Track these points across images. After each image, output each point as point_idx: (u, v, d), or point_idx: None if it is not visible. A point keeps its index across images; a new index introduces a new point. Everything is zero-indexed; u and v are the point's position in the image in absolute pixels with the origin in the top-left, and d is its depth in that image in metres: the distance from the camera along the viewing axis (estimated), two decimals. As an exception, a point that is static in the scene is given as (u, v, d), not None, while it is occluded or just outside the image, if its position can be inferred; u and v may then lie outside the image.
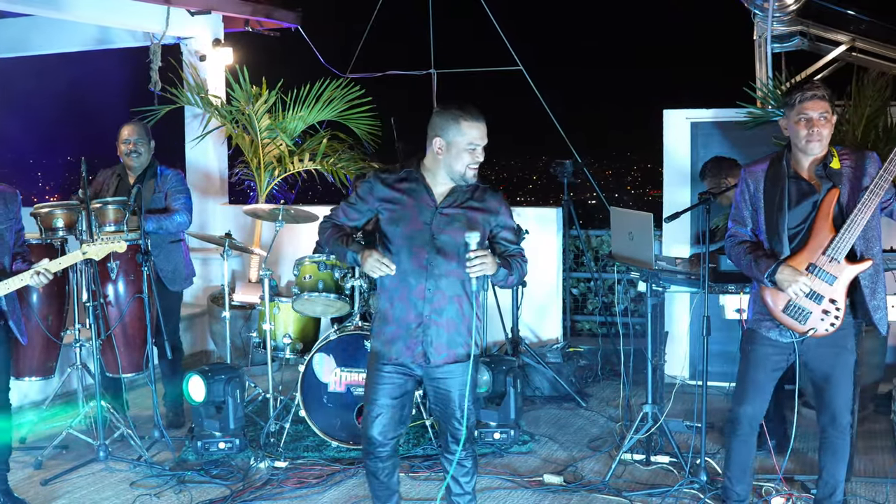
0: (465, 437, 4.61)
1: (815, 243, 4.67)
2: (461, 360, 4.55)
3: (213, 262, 9.73)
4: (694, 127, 8.28)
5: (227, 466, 6.31)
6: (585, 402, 7.76)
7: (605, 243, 9.57)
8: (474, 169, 4.46)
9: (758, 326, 4.91)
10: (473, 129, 4.44)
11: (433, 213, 4.47)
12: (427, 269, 4.45)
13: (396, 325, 4.53)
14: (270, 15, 10.46)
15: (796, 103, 4.67)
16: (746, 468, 5.06)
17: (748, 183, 4.85)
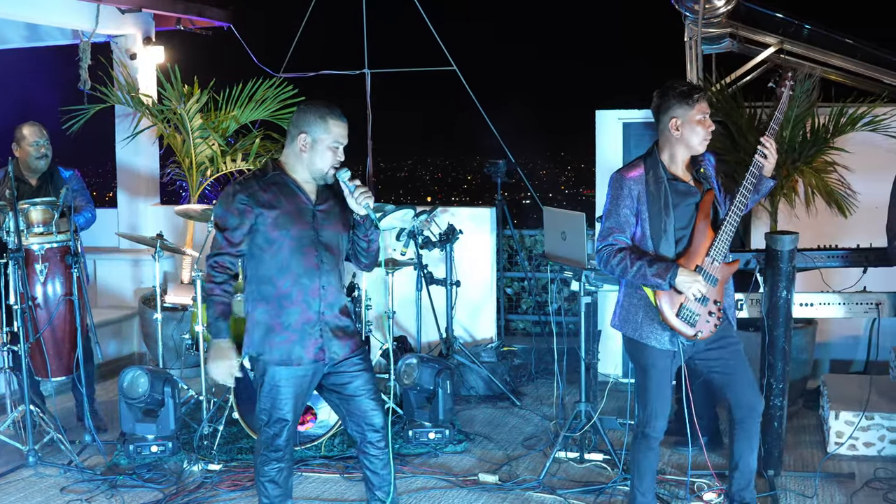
0: (381, 422, 4.63)
1: (697, 246, 4.71)
2: (361, 346, 4.67)
3: (144, 263, 9.63)
4: (626, 127, 8.35)
5: (160, 470, 6.25)
6: (520, 401, 7.80)
7: (539, 243, 9.63)
8: (336, 169, 4.48)
9: (644, 338, 4.81)
10: (339, 127, 4.48)
11: (312, 212, 4.50)
12: (319, 266, 4.49)
13: (291, 330, 4.51)
14: (202, 13, 10.37)
15: (696, 102, 4.66)
16: (654, 476, 5.07)
17: (631, 189, 4.70)
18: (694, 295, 4.64)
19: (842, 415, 6.45)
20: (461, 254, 8.30)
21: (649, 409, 4.89)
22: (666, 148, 4.78)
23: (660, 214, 4.69)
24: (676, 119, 4.68)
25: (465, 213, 8.87)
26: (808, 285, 6.89)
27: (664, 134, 4.75)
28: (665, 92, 4.74)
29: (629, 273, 4.67)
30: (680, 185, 4.74)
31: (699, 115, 4.68)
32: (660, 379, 4.86)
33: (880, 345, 7.38)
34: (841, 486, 5.93)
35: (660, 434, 4.93)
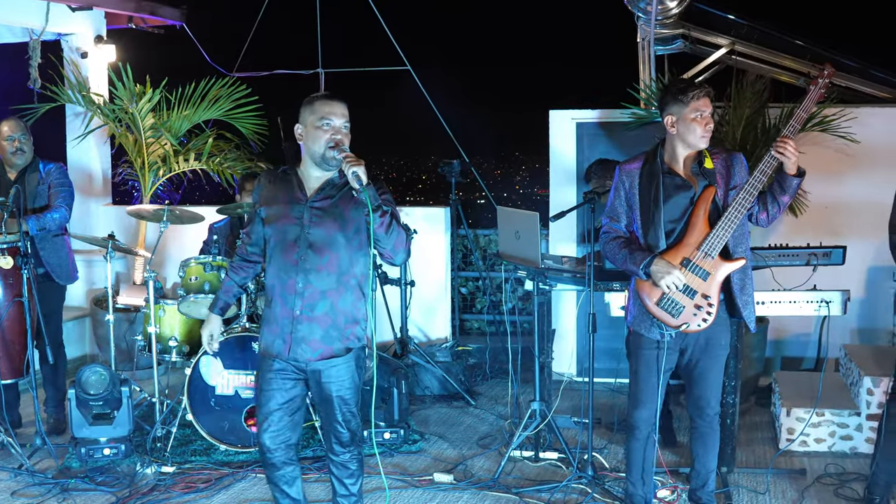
0: (348, 438, 4.60)
1: (690, 239, 4.73)
2: (338, 354, 4.50)
3: (96, 263, 9.53)
4: (579, 127, 8.40)
5: (113, 473, 6.18)
6: (475, 400, 7.81)
7: (493, 242, 9.65)
8: (334, 148, 4.34)
9: (639, 327, 4.93)
10: (325, 105, 4.40)
11: (304, 208, 4.44)
12: (298, 263, 4.42)
13: (274, 323, 4.50)
14: (154, 12, 10.28)
15: (690, 100, 4.71)
16: (648, 470, 5.11)
17: (623, 180, 4.89)
18: (668, 286, 4.68)
19: (793, 411, 6.53)
20: (416, 254, 8.28)
21: (634, 397, 5.02)
22: (668, 144, 4.87)
23: (649, 206, 4.78)
24: (672, 116, 4.77)
25: (419, 213, 8.87)
26: (760, 284, 6.95)
27: (665, 131, 4.85)
28: (664, 91, 4.92)
29: (617, 261, 4.86)
30: (675, 180, 4.80)
31: (693, 112, 4.72)
32: (647, 367, 4.93)
33: (830, 342, 7.50)
34: (793, 481, 5.99)
35: (643, 425, 5.00)
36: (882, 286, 7.96)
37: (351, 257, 4.46)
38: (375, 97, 25.89)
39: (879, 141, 7.87)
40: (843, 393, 6.84)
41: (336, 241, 4.43)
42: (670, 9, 9.41)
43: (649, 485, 5.15)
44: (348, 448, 4.62)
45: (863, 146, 7.84)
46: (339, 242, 4.43)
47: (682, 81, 4.89)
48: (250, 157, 9.64)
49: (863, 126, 7.78)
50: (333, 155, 4.33)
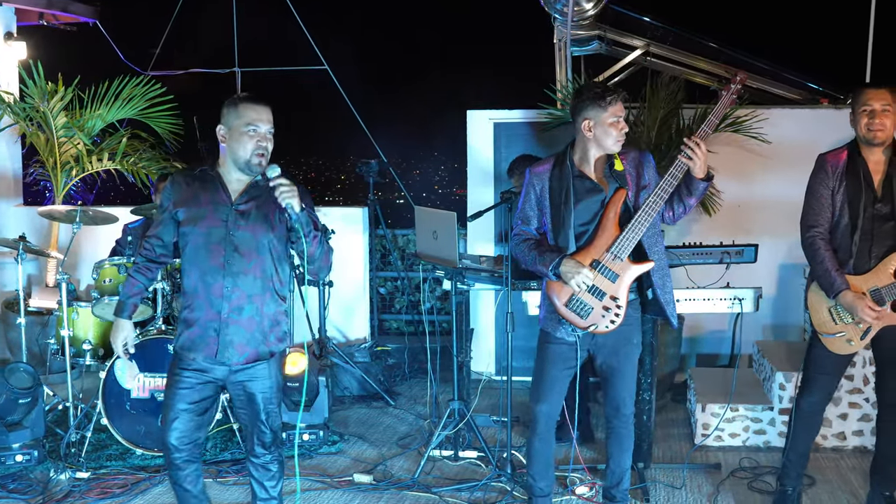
0: (270, 440, 4.58)
1: (600, 241, 4.76)
2: (263, 358, 4.51)
3: (6, 266, 9.34)
4: (497, 127, 8.44)
5: (26, 480, 6.06)
6: (394, 400, 7.80)
7: (412, 242, 9.65)
8: (260, 155, 4.35)
9: (547, 326, 4.96)
10: (251, 110, 4.37)
11: (229, 210, 4.41)
12: (224, 266, 4.38)
13: (196, 326, 4.45)
14: (66, 8, 10.11)
15: (609, 105, 4.70)
16: (548, 463, 5.15)
17: (534, 183, 4.88)
18: (578, 286, 4.70)
19: (708, 407, 6.63)
20: (334, 254, 8.25)
21: (535, 393, 5.03)
22: (579, 147, 4.85)
23: (559, 209, 4.79)
24: (589, 120, 4.74)
25: (337, 213, 8.83)
26: (674, 282, 7.03)
27: (578, 134, 4.81)
28: (580, 93, 4.82)
29: (527, 262, 4.85)
30: (586, 183, 4.80)
31: (612, 117, 4.73)
32: (549, 362, 4.95)
33: (744, 339, 7.63)
34: (708, 475, 6.09)
35: (544, 420, 5.02)
36: (793, 283, 8.13)
37: (275, 262, 4.47)
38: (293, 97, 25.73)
39: (790, 141, 8.02)
40: (757, 388, 6.97)
41: (262, 245, 4.42)
42: (586, 10, 9.51)
43: (550, 478, 5.18)
44: (270, 450, 4.61)
45: (774, 146, 7.99)
46: (264, 246, 4.42)
47: (598, 85, 4.88)
48: (165, 156, 9.52)
49: (774, 127, 7.94)
50: (268, 175, 4.30)
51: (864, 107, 4.97)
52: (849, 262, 5.01)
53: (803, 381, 5.25)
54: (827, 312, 5.09)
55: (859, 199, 4.98)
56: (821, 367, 5.17)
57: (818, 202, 5.09)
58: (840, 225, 5.03)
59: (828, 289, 5.00)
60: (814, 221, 5.08)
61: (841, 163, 5.05)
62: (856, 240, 4.98)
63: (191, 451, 4.58)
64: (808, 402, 5.25)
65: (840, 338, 5.06)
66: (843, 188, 5.01)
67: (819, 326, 5.14)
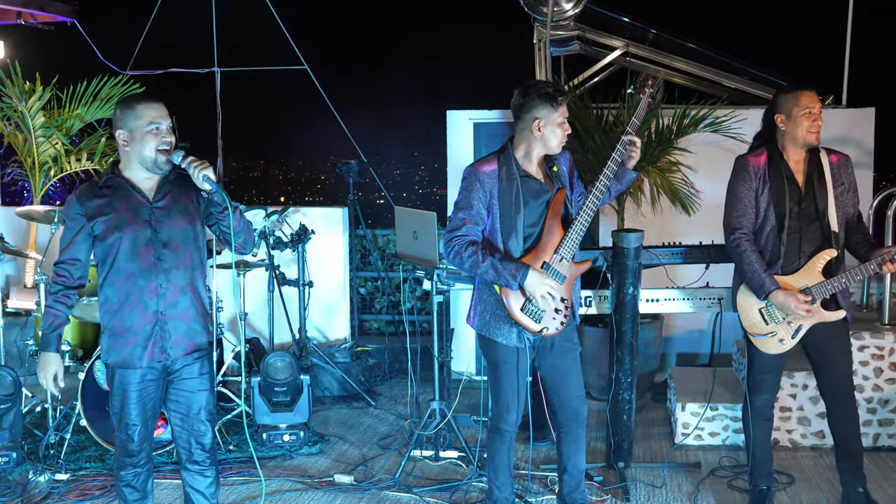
0: (210, 441, 4.60)
1: (547, 243, 4.75)
2: (201, 349, 4.53)
3: (-16, 266, 9.29)
4: (477, 127, 8.44)
5: (4, 482, 6.03)
6: (375, 400, 7.80)
7: (392, 242, 9.64)
8: (164, 151, 4.35)
9: (494, 335, 4.84)
10: (150, 109, 4.37)
11: (149, 210, 4.40)
12: (156, 265, 4.38)
13: (131, 332, 4.42)
14: (44, 7, 10.06)
15: (560, 105, 4.70)
16: (511, 471, 5.11)
17: (483, 182, 4.71)
18: (542, 296, 4.67)
19: (688, 406, 6.66)
20: (313, 254, 8.26)
21: (501, 403, 4.94)
22: (522, 145, 4.80)
23: (510, 210, 4.72)
24: (539, 119, 4.70)
25: (317, 213, 8.82)
26: (654, 282, 7.06)
27: (524, 132, 4.76)
28: (529, 91, 4.73)
29: (480, 268, 4.65)
30: (532, 183, 4.77)
31: (561, 117, 4.72)
32: (510, 374, 4.88)
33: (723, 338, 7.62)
34: (688, 474, 6.11)
35: (512, 427, 4.97)
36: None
37: (198, 250, 4.53)
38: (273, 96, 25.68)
39: (769, 141, 8.05)
40: (737, 388, 7.00)
41: (187, 237, 4.46)
42: (566, 11, 9.51)
43: (512, 485, 5.15)
44: (209, 453, 4.61)
45: (753, 146, 8.01)
46: (189, 237, 4.46)
47: (550, 84, 4.80)
48: (144, 156, 9.47)
49: (753, 127, 7.85)
50: (175, 161, 4.30)
51: (806, 109, 5.06)
52: (777, 263, 5.07)
53: (751, 383, 5.31)
54: (757, 313, 5.14)
55: (784, 198, 5.05)
56: (764, 367, 5.25)
57: (741, 204, 5.16)
58: (766, 226, 5.10)
59: (758, 289, 5.05)
60: (738, 223, 5.15)
61: (762, 164, 5.13)
62: (783, 239, 5.05)
63: (148, 453, 4.59)
64: (762, 400, 5.32)
65: (772, 338, 5.12)
66: (766, 189, 5.08)
67: (750, 328, 5.19)
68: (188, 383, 4.51)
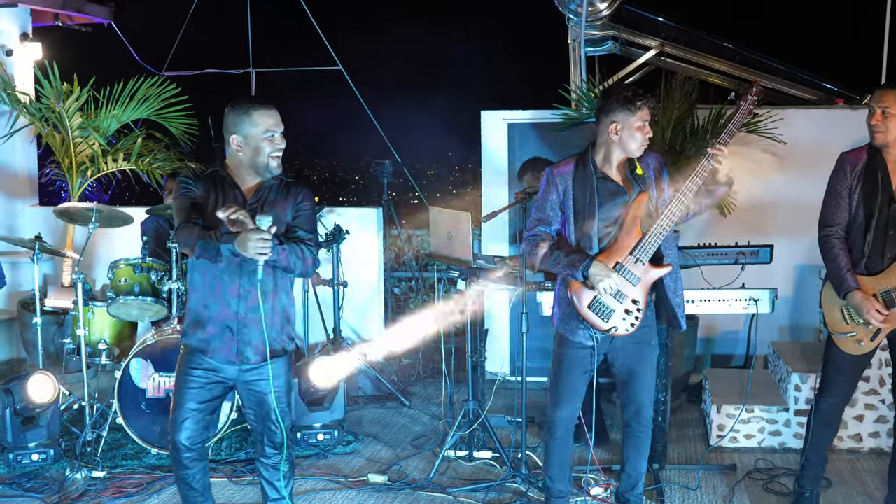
0: (281, 439, 4.61)
1: (622, 244, 4.75)
2: (278, 355, 4.54)
3: (23, 266, 9.36)
4: (511, 128, 8.43)
5: (42, 479, 6.09)
6: (408, 400, 7.81)
7: (426, 243, 9.64)
8: (277, 157, 4.42)
9: (565, 330, 4.91)
10: (266, 116, 4.41)
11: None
12: (240, 266, 4.40)
13: (212, 324, 4.47)
14: (81, 9, 10.14)
15: (638, 109, 4.69)
16: (566, 466, 5.14)
17: (556, 183, 4.82)
18: (605, 289, 4.68)
19: (723, 408, 6.62)
20: (348, 254, 8.27)
21: (554, 398, 4.99)
22: (602, 148, 4.82)
23: (583, 211, 4.76)
24: (617, 123, 4.71)
25: (351, 214, 8.83)
26: (689, 283, 7.03)
27: (602, 135, 4.78)
28: (608, 95, 4.78)
29: (547, 261, 4.76)
30: (609, 185, 4.78)
31: (640, 121, 4.71)
32: (568, 369, 4.92)
33: (759, 340, 7.62)
34: (723, 477, 6.08)
35: (562, 424, 5.00)
36: (809, 284, 8.10)
37: None
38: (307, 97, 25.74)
39: (805, 142, 8.00)
40: (772, 389, 6.95)
41: (274, 244, 4.41)
42: (600, 11, 9.49)
43: (568, 479, 5.18)
44: (281, 449, 4.62)
45: (789, 147, 7.97)
46: (276, 245, 4.42)
47: (629, 88, 4.81)
48: (180, 157, 9.53)
49: (789, 127, 7.91)
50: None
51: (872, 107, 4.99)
52: (861, 263, 4.99)
53: (822, 383, 5.24)
54: (839, 312, 5.08)
55: (875, 198, 4.96)
56: (838, 369, 5.16)
57: (835, 201, 5.07)
58: (855, 224, 5.01)
59: (838, 288, 4.99)
60: (830, 220, 5.07)
61: (860, 162, 5.03)
62: (868, 240, 4.97)
63: (199, 451, 4.62)
64: (828, 404, 5.23)
65: (851, 338, 5.05)
66: (859, 187, 4.99)
67: (831, 326, 5.13)
68: (261, 384, 4.54)
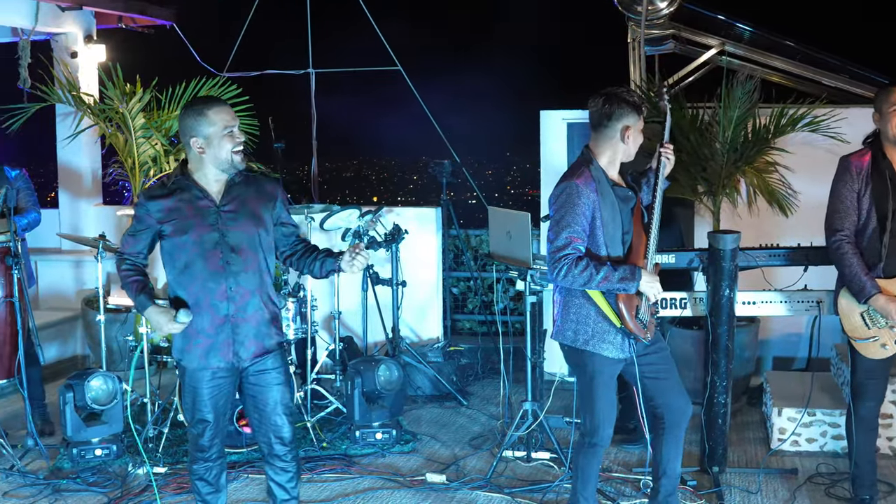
0: (290, 435, 4.66)
1: (639, 249, 4.71)
2: (270, 350, 4.58)
3: (87, 264, 9.51)
4: (570, 128, 8.39)
5: (105, 474, 6.18)
6: (466, 400, 7.81)
7: (485, 242, 9.64)
8: (239, 152, 4.45)
9: (599, 347, 4.70)
10: (222, 113, 4.44)
11: (216, 213, 4.46)
12: (225, 268, 4.44)
13: (205, 334, 4.49)
14: (144, 11, 10.27)
15: (643, 112, 4.68)
16: (597, 481, 5.02)
17: (587, 196, 4.56)
18: (655, 296, 4.63)
19: (784, 411, 6.54)
20: (407, 254, 8.30)
21: (596, 418, 4.79)
22: (606, 153, 4.71)
23: (611, 222, 4.64)
24: (630, 128, 4.64)
25: (410, 213, 8.86)
26: (751, 284, 6.97)
27: (610, 140, 4.67)
28: (616, 99, 4.64)
29: (594, 280, 4.52)
30: (620, 191, 4.73)
31: (642, 124, 4.72)
32: (606, 386, 4.79)
33: (821, 342, 7.49)
34: (784, 481, 6.01)
35: (606, 442, 4.86)
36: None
37: (266, 255, 4.57)
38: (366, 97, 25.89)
39: (869, 141, 7.87)
40: (835, 393, 6.86)
41: (254, 241, 4.50)
42: (660, 9, 9.42)
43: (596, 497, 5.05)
44: (290, 445, 4.67)
45: (853, 146, 7.80)
46: (256, 242, 4.51)
47: (630, 91, 4.74)
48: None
49: (852, 126, 7.78)
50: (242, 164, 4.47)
51: (894, 106, 4.91)
52: (878, 266, 4.94)
53: (855, 388, 5.19)
54: (859, 317, 5.02)
55: (886, 199, 4.94)
56: (867, 373, 5.12)
57: (843, 205, 5.05)
58: (868, 228, 4.98)
59: (858, 293, 4.93)
60: (839, 225, 5.04)
61: (865, 164, 5.01)
62: (885, 242, 4.93)
63: (220, 448, 4.70)
64: (866, 408, 5.19)
65: (874, 343, 5.00)
66: (869, 190, 4.97)
67: (851, 332, 5.07)
68: (261, 378, 4.58)
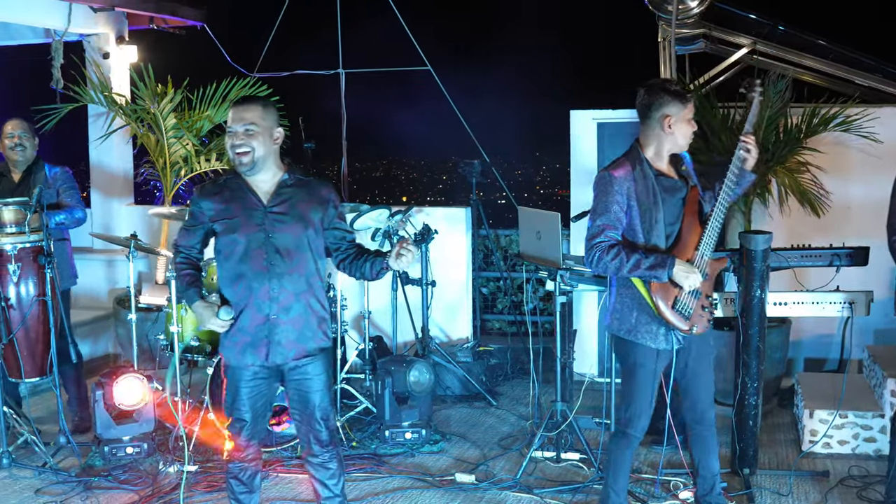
0: (327, 437, 4.66)
1: (689, 240, 4.70)
2: (312, 354, 4.58)
3: (118, 263, 9.58)
4: (600, 127, 8.37)
5: (136, 471, 6.22)
6: (496, 400, 7.80)
7: (514, 242, 9.63)
8: (239, 153, 4.44)
9: (643, 338, 4.77)
10: (230, 112, 4.51)
11: (263, 214, 4.48)
12: (268, 269, 4.46)
13: (243, 333, 4.52)
14: (175, 12, 10.32)
15: (688, 101, 4.68)
16: (629, 475, 5.06)
17: (620, 185, 4.63)
18: (690, 286, 4.63)
19: (816, 413, 6.50)
20: (437, 254, 8.30)
21: (633, 408, 4.85)
22: (652, 144, 4.74)
23: (650, 210, 4.65)
24: (670, 117, 4.65)
25: (440, 213, 8.86)
26: (782, 284, 6.93)
27: (653, 130, 4.71)
28: (655, 89, 4.70)
29: (625, 267, 4.58)
30: (666, 181, 4.73)
31: (690, 114, 4.70)
32: (647, 379, 4.81)
33: (853, 343, 7.45)
34: (816, 483, 5.97)
35: (641, 434, 4.91)
36: (906, 287, 7.92)
37: (315, 258, 4.57)
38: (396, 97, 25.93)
39: (903, 141, 7.82)
40: (867, 395, 6.81)
41: (301, 244, 4.51)
42: (691, 9, 9.40)
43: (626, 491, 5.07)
44: (328, 447, 4.67)
45: (886, 146, 7.79)
46: (304, 245, 4.51)
47: (672, 82, 4.79)
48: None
49: (885, 126, 7.74)
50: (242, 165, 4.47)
51: None
52: None
53: None
54: None
55: None
56: None
57: None
58: None
59: None
60: None
61: None
62: None
63: (256, 449, 4.71)
64: None
65: None
66: None
67: None
68: (303, 384, 4.60)
